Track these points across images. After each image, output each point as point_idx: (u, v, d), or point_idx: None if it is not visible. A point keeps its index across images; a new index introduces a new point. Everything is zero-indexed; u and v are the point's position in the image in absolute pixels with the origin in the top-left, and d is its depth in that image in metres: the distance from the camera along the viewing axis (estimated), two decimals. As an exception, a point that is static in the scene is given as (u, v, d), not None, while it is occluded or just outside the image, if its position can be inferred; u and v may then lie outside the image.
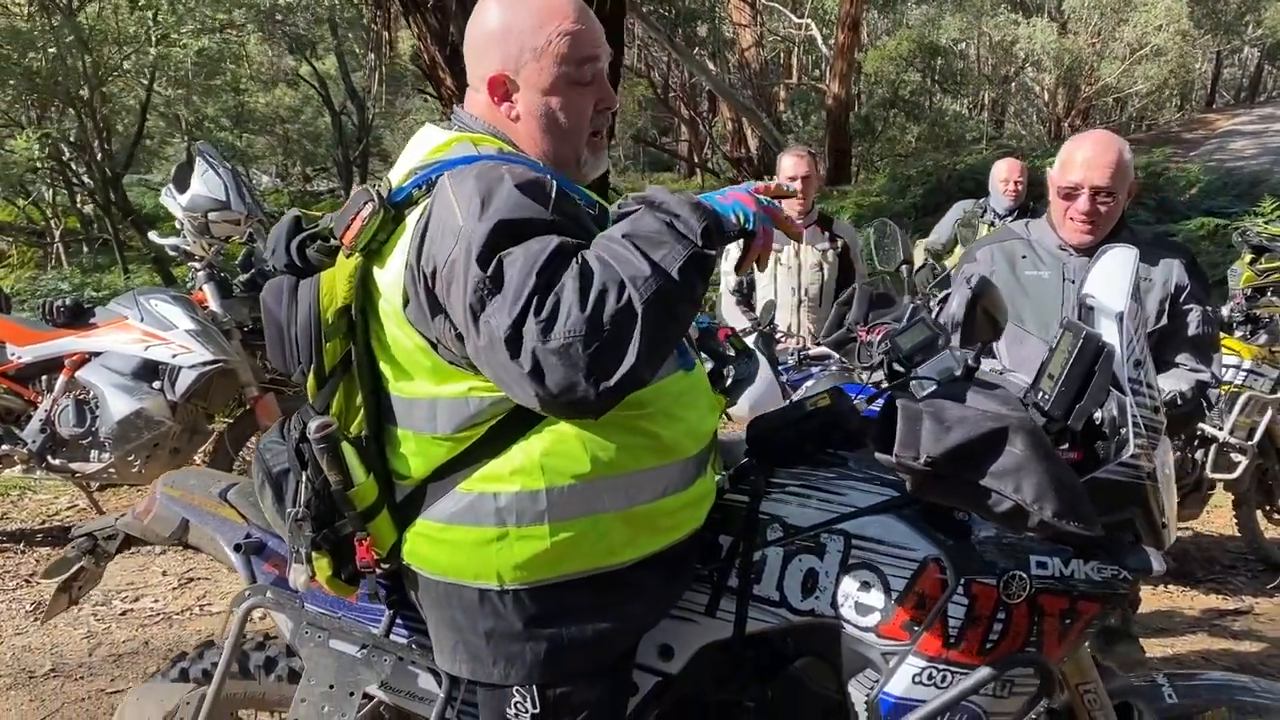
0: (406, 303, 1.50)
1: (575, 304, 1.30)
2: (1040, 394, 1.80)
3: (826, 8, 20.66)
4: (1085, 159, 2.58)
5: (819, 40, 20.13)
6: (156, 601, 4.26)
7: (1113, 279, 1.77)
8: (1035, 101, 23.74)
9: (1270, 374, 4.51)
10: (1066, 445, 1.77)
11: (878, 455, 1.55)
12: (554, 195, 1.47)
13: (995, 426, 1.53)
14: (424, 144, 1.66)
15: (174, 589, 4.40)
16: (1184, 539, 5.15)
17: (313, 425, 1.58)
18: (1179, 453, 4.45)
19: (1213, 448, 4.47)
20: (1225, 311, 4.66)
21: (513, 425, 1.54)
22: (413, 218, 1.50)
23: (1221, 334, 4.55)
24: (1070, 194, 2.61)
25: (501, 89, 1.62)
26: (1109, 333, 1.71)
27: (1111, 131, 2.82)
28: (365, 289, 1.58)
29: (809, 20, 20.28)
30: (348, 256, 1.56)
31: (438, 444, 1.58)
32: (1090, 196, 2.58)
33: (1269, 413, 4.51)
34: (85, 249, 14.46)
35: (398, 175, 1.61)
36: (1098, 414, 1.73)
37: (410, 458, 1.61)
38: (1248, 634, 4.05)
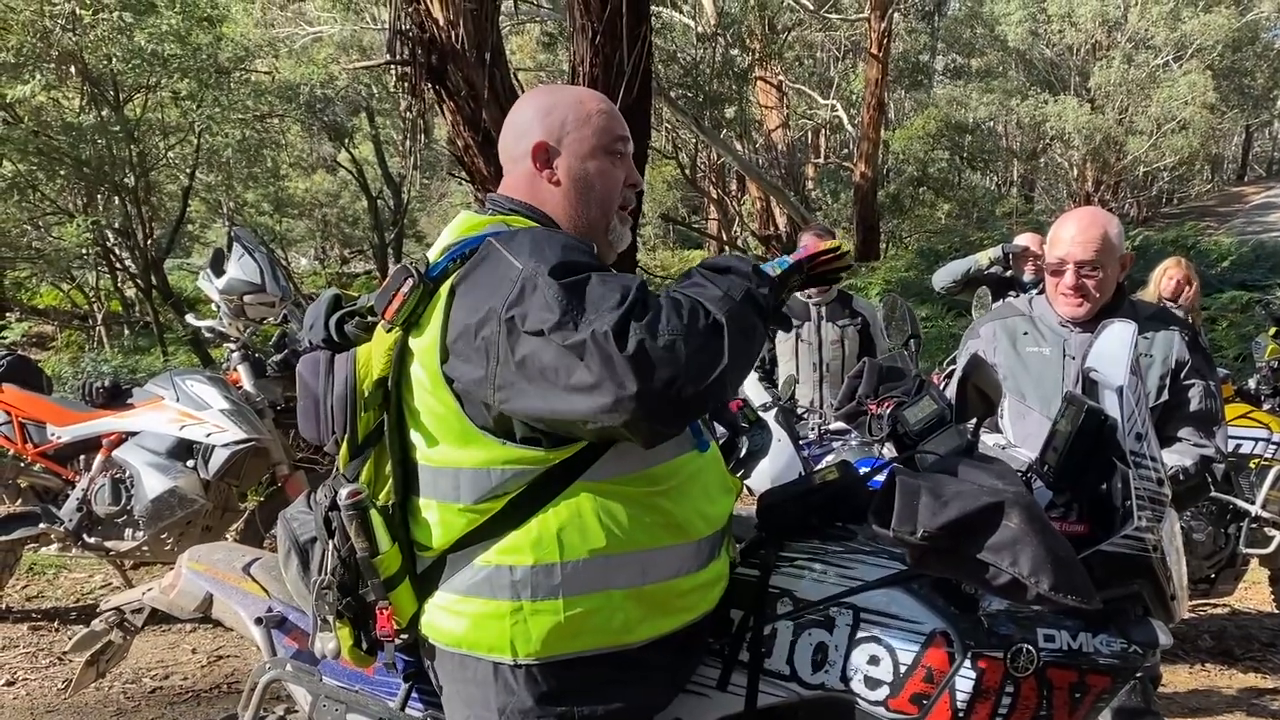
0: (445, 359, 1.56)
1: (673, 314, 1.44)
2: (1045, 466, 1.83)
3: (853, 90, 20.98)
4: (1070, 236, 2.64)
5: (845, 121, 20.42)
6: (186, 679, 4.29)
7: (1113, 353, 1.81)
8: (1064, 176, 23.83)
9: (1301, 447, 4.46)
10: (1075, 518, 1.80)
11: (876, 529, 1.58)
12: (595, 257, 1.59)
13: (991, 501, 1.55)
14: (460, 225, 1.76)
15: (203, 666, 4.43)
16: (1221, 617, 5.06)
17: (344, 492, 1.64)
18: (1210, 528, 4.40)
19: (1245, 523, 4.41)
20: (1251, 384, 4.63)
21: (532, 499, 1.59)
22: (447, 286, 1.58)
23: (1250, 407, 4.54)
24: (1057, 270, 2.67)
25: (544, 155, 1.76)
26: (1111, 406, 1.74)
27: (1099, 208, 2.88)
28: (401, 360, 1.65)
29: (835, 101, 20.61)
30: (388, 331, 1.63)
31: (459, 514, 1.62)
32: (1075, 271, 2.63)
33: (1301, 486, 4.45)
34: (127, 332, 14.79)
35: (434, 253, 1.70)
36: (1103, 487, 1.75)
37: (433, 528, 1.65)
38: (1288, 714, 3.95)
